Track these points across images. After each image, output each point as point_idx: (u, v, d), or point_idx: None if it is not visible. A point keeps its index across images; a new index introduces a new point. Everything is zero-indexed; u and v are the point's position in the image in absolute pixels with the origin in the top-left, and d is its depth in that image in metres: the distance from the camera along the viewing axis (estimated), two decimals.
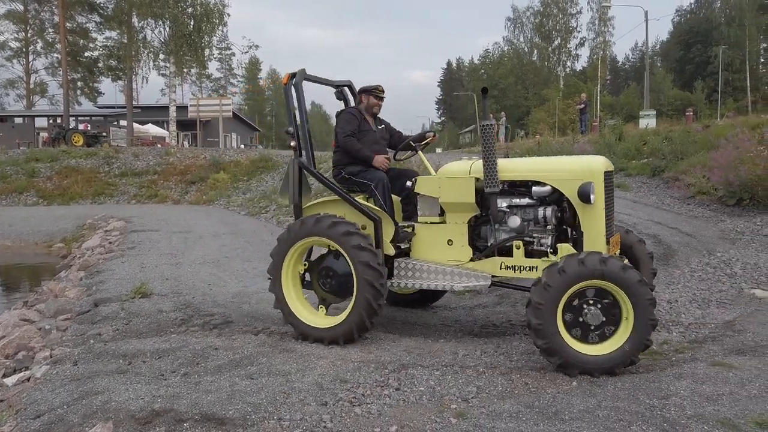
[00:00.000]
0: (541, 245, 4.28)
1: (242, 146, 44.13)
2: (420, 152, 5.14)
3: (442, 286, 4.46)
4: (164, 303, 6.06)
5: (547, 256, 4.19)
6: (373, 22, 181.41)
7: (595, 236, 4.08)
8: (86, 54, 42.28)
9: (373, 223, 4.58)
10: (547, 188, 4.24)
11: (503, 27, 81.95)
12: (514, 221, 4.31)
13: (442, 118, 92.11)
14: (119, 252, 9.59)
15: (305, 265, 4.87)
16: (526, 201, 4.34)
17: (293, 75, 4.95)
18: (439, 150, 40.81)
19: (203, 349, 4.47)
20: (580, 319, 3.74)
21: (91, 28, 40.79)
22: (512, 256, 4.32)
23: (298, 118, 4.90)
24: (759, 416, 3.03)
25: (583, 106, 24.08)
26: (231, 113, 36.87)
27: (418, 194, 4.67)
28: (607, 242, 4.11)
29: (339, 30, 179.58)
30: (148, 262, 8.52)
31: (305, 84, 5.04)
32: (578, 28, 63.87)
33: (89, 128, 33.86)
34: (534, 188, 4.29)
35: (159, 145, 31.96)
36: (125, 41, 34.19)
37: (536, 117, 51.90)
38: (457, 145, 54.20)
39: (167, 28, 32.48)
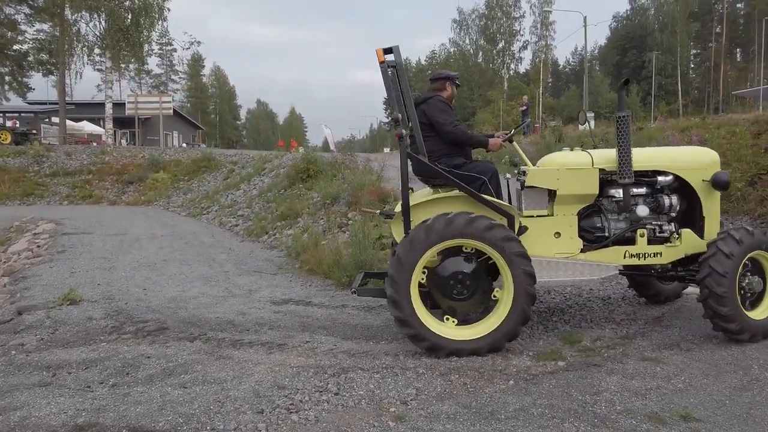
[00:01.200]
0: (663, 232, 4.45)
1: (184, 145, 42.85)
2: (515, 143, 4.72)
3: (572, 280, 4.34)
4: (94, 310, 5.78)
5: (670, 242, 4.42)
6: (319, 20, 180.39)
7: (714, 220, 4.50)
8: (15, 47, 39.96)
9: (506, 221, 4.25)
10: (670, 177, 4.46)
11: (449, 29, 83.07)
12: (643, 210, 4.38)
13: (390, 119, 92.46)
14: (48, 256, 9.09)
15: (424, 272, 4.19)
16: (646, 190, 4.49)
17: (388, 50, 4.33)
18: (386, 149, 40.99)
19: (134, 358, 4.28)
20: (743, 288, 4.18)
21: (20, 20, 38.59)
22: (633, 245, 4.38)
23: (405, 102, 4.32)
24: (683, 409, 3.15)
25: (525, 108, 24.71)
26: (172, 111, 35.76)
27: (528, 187, 4.43)
28: None
29: (285, 27, 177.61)
30: (78, 267, 8.11)
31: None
32: (521, 32, 65.82)
33: (18, 125, 32.05)
34: (659, 178, 4.46)
35: (95, 144, 30.63)
36: (57, 34, 32.55)
37: (481, 118, 52.90)
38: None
39: (103, 22, 31.18)
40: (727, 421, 3.03)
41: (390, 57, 4.34)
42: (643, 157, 4.46)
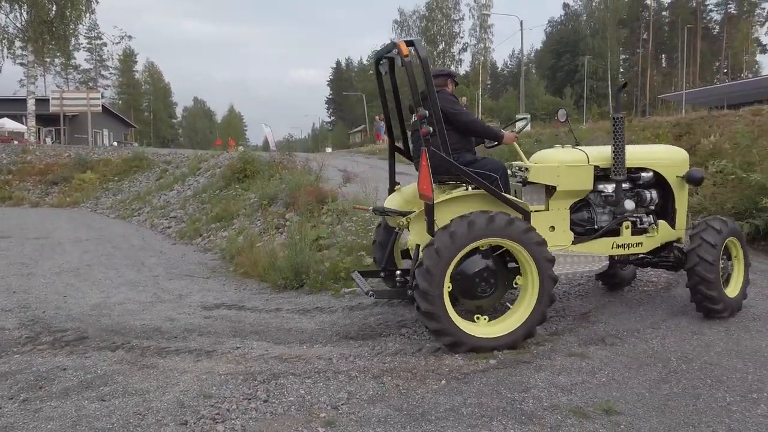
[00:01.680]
0: (643, 223, 4.83)
1: (115, 143, 41.02)
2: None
3: (572, 272, 4.55)
4: (8, 319, 5.40)
5: (649, 233, 4.82)
6: (258, 17, 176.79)
7: (683, 212, 4.98)
8: None
9: (524, 218, 4.25)
10: (651, 173, 4.86)
11: (391, 29, 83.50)
12: (630, 204, 4.71)
13: (332, 118, 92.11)
14: None
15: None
16: (631, 185, 4.85)
17: (410, 42, 4.22)
18: (328, 149, 40.74)
19: (49, 371, 4.01)
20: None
21: None
22: (619, 236, 4.70)
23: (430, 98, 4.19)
24: (606, 403, 3.24)
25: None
26: (101, 108, 34.17)
27: (530, 183, 4.55)
28: None
29: (223, 24, 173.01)
30: None
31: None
32: (461, 34, 66.84)
33: None
34: (642, 174, 4.84)
35: (15, 142, 28.82)
36: None
37: None
38: (346, 145, 54.30)
39: (25, 13, 29.37)
40: (647, 414, 3.14)
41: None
42: (630, 155, 4.70)
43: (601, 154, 4.71)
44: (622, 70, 73.90)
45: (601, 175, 4.71)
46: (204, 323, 5.31)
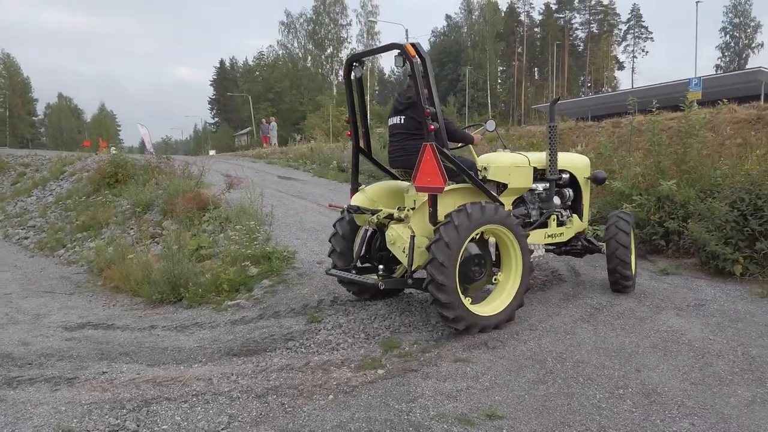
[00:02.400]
0: (563, 216, 5.76)
1: None
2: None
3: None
4: None
5: (567, 225, 5.77)
6: (132, 10, 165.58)
7: (587, 208, 6.09)
8: None
9: None
10: (568, 175, 5.81)
11: (278, 30, 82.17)
12: (557, 200, 5.68)
13: (216, 119, 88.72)
14: None
15: None
16: (556, 184, 5.66)
17: (413, 44, 4.51)
18: (212, 152, 39.11)
19: None
20: None
21: None
22: (547, 228, 5.60)
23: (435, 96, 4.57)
24: (489, 408, 3.31)
25: None
26: None
27: (489, 181, 5.09)
28: None
29: (91, 15, 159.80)
30: None
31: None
32: (348, 39, 67.31)
33: None
34: (563, 175, 5.74)
35: None
36: None
37: (311, 122, 52.99)
38: (232, 148, 52.43)
39: None
40: (526, 416, 3.24)
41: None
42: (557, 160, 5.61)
43: (537, 157, 5.53)
44: (500, 81, 78.56)
45: (537, 175, 5.52)
46: (65, 346, 4.78)
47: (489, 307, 4.70)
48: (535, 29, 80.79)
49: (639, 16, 79.50)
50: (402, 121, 4.95)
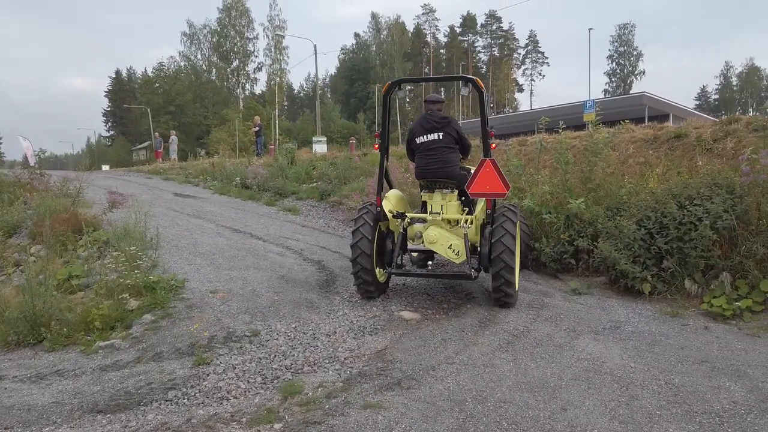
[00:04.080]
0: None
1: None
2: None
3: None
4: None
5: None
6: (16, 14, 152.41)
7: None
8: None
9: None
10: None
11: (179, 41, 78.97)
12: None
13: (112, 132, 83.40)
14: None
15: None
16: None
17: (471, 79, 5.67)
18: (105, 167, 36.46)
19: None
20: None
21: None
22: None
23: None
24: None
25: (257, 129, 24.30)
26: None
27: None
28: None
29: None
30: None
31: None
32: (255, 53, 65.84)
33: None
34: None
35: None
36: None
37: (216, 137, 51.06)
38: (129, 163, 49.22)
39: None
40: None
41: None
42: None
43: None
44: (408, 99, 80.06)
45: None
46: None
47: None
48: (441, 50, 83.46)
49: (536, 42, 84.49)
50: (441, 137, 5.83)
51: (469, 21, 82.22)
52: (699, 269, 5.89)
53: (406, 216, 5.92)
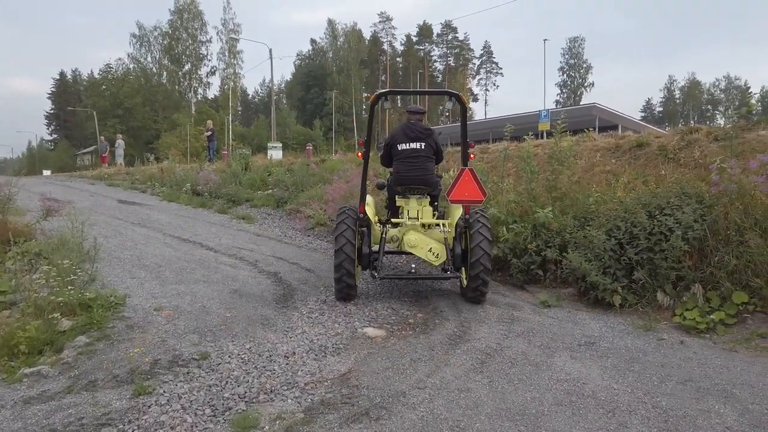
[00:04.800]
0: None
1: None
2: None
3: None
4: None
5: None
6: None
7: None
8: None
9: None
10: None
11: (128, 43, 76.41)
12: None
13: (55, 136, 79.77)
14: None
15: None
16: None
17: (455, 94, 6.04)
18: (47, 172, 34.67)
19: None
20: None
21: None
22: None
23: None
24: None
25: (210, 133, 23.47)
26: None
27: None
28: None
29: None
30: None
31: None
32: (209, 57, 64.32)
33: None
34: None
35: None
36: None
37: (167, 142, 49.49)
38: (73, 167, 46.93)
39: None
40: None
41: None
42: None
43: None
44: (364, 106, 79.90)
45: None
46: None
47: None
48: (398, 59, 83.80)
49: (490, 52, 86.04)
50: (423, 147, 6.05)
51: (425, 30, 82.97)
52: (670, 281, 5.75)
53: (391, 221, 6.27)
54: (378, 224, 6.35)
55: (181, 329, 5.08)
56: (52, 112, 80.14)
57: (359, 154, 6.13)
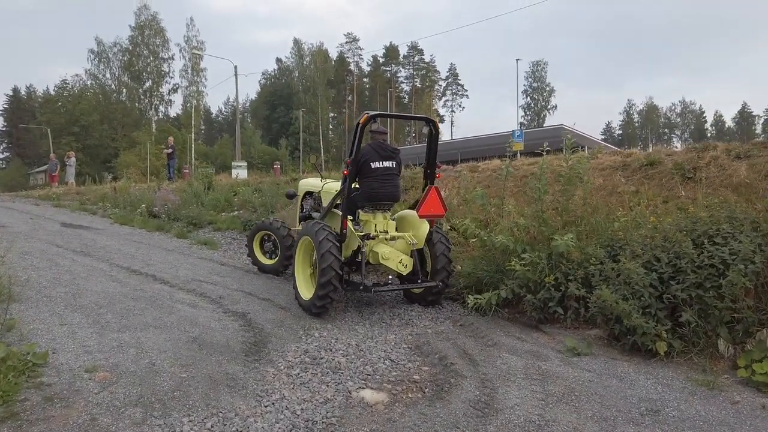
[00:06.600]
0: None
1: None
2: None
3: None
4: None
5: None
6: None
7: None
8: None
9: None
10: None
11: (86, 59, 73.88)
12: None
13: (6, 154, 76.14)
14: None
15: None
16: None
17: (431, 120, 6.63)
18: None
19: None
20: None
21: None
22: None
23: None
24: None
25: (170, 150, 21.99)
26: None
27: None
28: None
29: None
30: None
31: None
32: (171, 74, 62.46)
33: None
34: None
35: None
36: None
37: (126, 160, 47.47)
38: (25, 186, 44.23)
39: None
40: None
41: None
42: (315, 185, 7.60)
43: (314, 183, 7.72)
44: (331, 126, 79.13)
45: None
46: None
47: None
48: (364, 79, 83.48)
49: (456, 74, 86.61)
50: (394, 165, 6.36)
51: (391, 51, 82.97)
52: (725, 324, 4.80)
53: (373, 237, 6.29)
54: (359, 239, 6.33)
55: (119, 399, 3.81)
56: (4, 129, 76.63)
57: (345, 171, 6.23)
